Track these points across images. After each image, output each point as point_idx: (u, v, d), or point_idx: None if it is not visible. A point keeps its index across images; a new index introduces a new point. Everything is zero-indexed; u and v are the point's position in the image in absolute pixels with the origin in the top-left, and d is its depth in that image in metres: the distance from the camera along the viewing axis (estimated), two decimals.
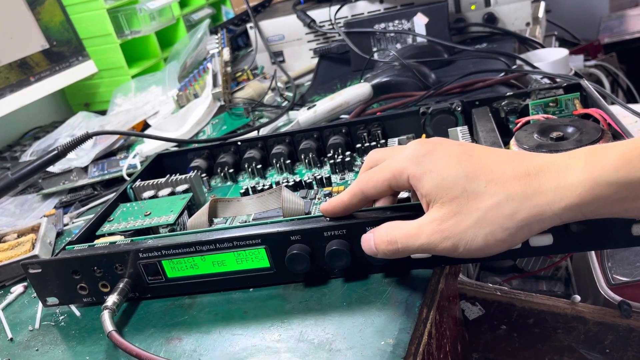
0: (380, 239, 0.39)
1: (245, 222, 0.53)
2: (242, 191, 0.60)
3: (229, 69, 1.01)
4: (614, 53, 1.51)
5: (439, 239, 0.36)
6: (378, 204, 0.45)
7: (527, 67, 0.80)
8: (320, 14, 1.06)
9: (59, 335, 0.47)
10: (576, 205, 0.33)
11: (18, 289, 0.57)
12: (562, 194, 0.33)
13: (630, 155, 0.32)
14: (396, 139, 0.59)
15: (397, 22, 0.94)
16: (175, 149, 0.79)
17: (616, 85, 1.49)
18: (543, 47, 0.95)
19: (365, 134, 0.63)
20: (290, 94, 0.94)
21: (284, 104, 0.92)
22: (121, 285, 0.46)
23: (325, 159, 0.64)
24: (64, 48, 1.03)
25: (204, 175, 0.66)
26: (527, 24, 0.97)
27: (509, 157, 0.36)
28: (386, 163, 0.40)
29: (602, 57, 1.51)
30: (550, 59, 0.87)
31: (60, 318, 0.49)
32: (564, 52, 0.88)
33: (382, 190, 0.41)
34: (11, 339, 0.48)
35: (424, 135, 0.61)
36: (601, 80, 1.41)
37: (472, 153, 0.37)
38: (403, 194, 0.46)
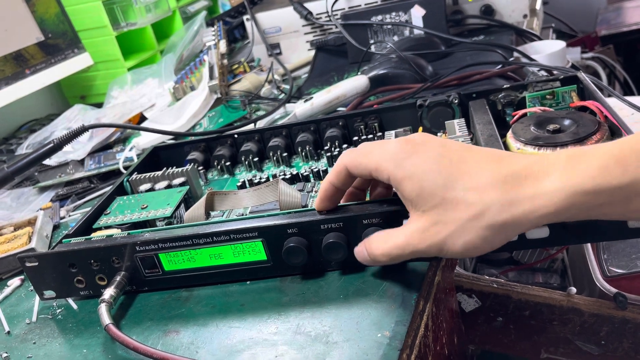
0: (373, 252, 0.40)
1: (242, 215, 0.53)
2: (239, 184, 0.60)
3: (225, 61, 1.00)
4: (611, 45, 1.51)
5: (425, 247, 0.38)
6: (373, 196, 0.45)
7: (524, 60, 0.80)
8: (317, 6, 1.05)
9: (56, 328, 0.47)
10: (552, 213, 0.33)
11: (15, 282, 0.57)
12: (538, 203, 0.33)
13: (607, 162, 0.32)
14: (393, 132, 0.59)
15: (394, 14, 0.94)
16: (172, 141, 0.79)
17: (613, 77, 1.49)
18: (540, 39, 0.94)
19: (362, 126, 0.63)
20: (287, 87, 0.94)
21: (280, 97, 0.92)
22: (118, 278, 0.46)
23: (322, 152, 0.64)
24: (59, 40, 1.02)
25: (200, 168, 0.66)
26: (525, 16, 0.96)
27: (489, 160, 0.37)
28: (372, 150, 0.40)
29: (599, 50, 1.50)
30: (547, 51, 0.87)
31: (58, 311, 0.49)
32: (561, 44, 0.88)
33: (364, 174, 0.41)
34: (8, 332, 0.48)
35: (420, 129, 0.61)
36: (598, 72, 1.41)
37: (452, 157, 0.37)
38: None
